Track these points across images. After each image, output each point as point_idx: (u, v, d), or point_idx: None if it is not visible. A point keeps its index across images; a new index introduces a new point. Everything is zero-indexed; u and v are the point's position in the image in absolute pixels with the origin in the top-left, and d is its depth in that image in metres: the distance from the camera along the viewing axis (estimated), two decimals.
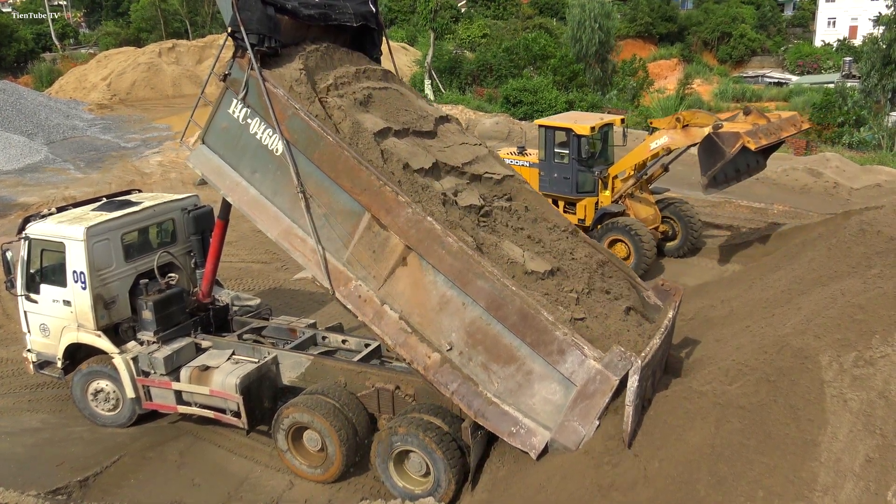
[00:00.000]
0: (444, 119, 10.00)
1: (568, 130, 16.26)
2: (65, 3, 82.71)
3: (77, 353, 10.90)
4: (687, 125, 14.72)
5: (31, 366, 11.28)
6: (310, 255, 8.69)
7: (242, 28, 8.46)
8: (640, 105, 37.85)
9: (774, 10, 71.16)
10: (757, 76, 57.82)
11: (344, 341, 10.94)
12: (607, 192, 16.27)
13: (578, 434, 7.47)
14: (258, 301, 12.36)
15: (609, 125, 16.93)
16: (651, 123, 16.55)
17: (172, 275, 11.05)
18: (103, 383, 10.77)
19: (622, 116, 18.33)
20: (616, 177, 16.22)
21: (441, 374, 8.05)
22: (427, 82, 39.38)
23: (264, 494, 9.23)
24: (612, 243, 15.50)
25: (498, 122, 30.87)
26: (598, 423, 7.45)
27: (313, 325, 11.49)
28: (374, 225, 8.28)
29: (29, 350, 11.24)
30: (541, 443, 7.65)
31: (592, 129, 16.04)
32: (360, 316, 8.53)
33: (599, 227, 15.82)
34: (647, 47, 63.86)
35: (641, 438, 7.76)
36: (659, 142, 14.98)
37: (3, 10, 75.26)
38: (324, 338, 11.10)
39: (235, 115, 8.99)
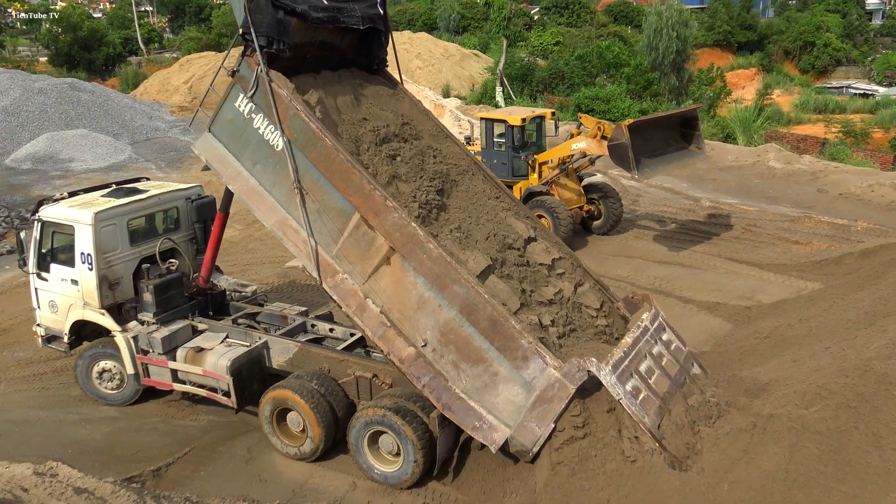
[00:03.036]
0: (532, 239, 10.16)
1: (503, 122, 18.73)
2: (150, 9, 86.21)
3: (83, 330, 11.57)
4: (605, 137, 16.70)
5: (40, 340, 11.94)
6: (301, 245, 9.26)
7: (253, 30, 8.92)
8: (716, 115, 36.88)
9: (862, 19, 68.46)
10: (841, 87, 55.63)
11: (331, 329, 11.46)
12: (535, 176, 18.69)
13: (535, 434, 8.11)
14: (254, 287, 12.97)
15: (541, 117, 19.53)
16: (579, 118, 18.78)
17: (173, 260, 11.63)
18: (109, 363, 11.37)
19: (553, 110, 21.71)
20: (545, 164, 18.67)
21: (415, 367, 8.71)
22: (498, 89, 39.38)
23: (328, 494, 9.35)
24: (538, 218, 17.09)
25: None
26: (553, 425, 8.05)
27: (304, 313, 11.96)
28: (362, 225, 8.87)
29: (38, 325, 11.87)
30: (501, 438, 8.28)
31: (524, 119, 18.58)
32: (344, 307, 9.14)
33: (527, 204, 17.87)
34: (725, 56, 62.25)
35: (709, 458, 7.57)
36: (578, 145, 17.48)
37: (94, 15, 78.92)
38: (313, 325, 11.60)
39: (241, 109, 9.48)
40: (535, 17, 66.58)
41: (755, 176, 25.20)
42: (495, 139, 19.02)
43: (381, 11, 10.42)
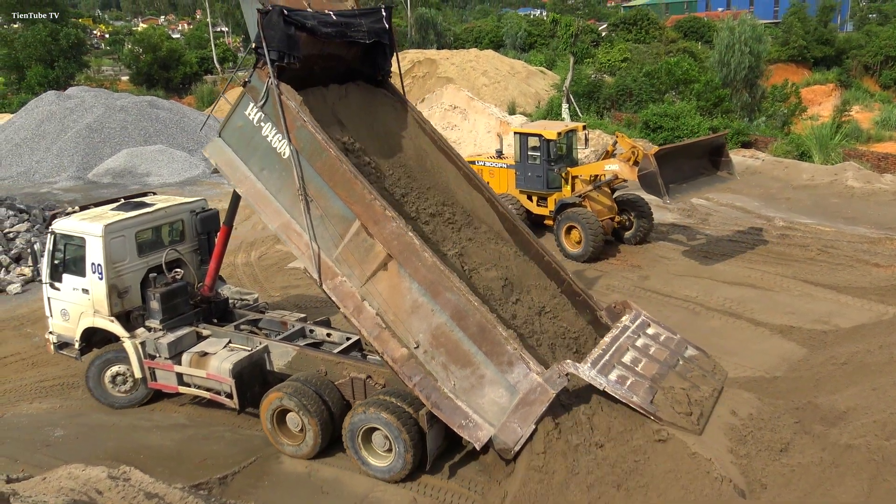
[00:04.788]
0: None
1: (539, 136, 19.18)
2: (226, 29, 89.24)
3: (93, 337, 12.13)
4: (637, 163, 16.88)
5: (52, 346, 12.49)
6: (304, 248, 9.76)
7: (265, 45, 9.37)
8: (790, 132, 35.80)
9: None
10: None
11: (328, 334, 12.00)
12: (568, 188, 19.11)
13: (517, 434, 8.62)
14: (256, 295, 13.71)
15: (573, 131, 20.08)
16: (616, 137, 18.56)
17: (178, 270, 12.20)
18: (123, 367, 11.88)
19: (584, 123, 22.11)
20: (577, 177, 18.98)
21: (407, 367, 9.22)
22: (564, 106, 39.19)
23: None
24: (569, 229, 18.47)
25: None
26: (534, 426, 8.54)
27: (303, 319, 12.51)
28: (362, 232, 9.37)
29: (50, 332, 12.44)
30: (485, 437, 8.81)
31: (559, 133, 19.13)
32: (342, 308, 9.64)
33: (560, 215, 18.73)
34: (801, 72, 60.46)
35: (781, 489, 7.29)
36: (611, 167, 17.88)
37: (173, 36, 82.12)
38: (311, 331, 12.18)
39: (251, 118, 9.95)
40: (603, 34, 66.10)
41: (832, 195, 24.32)
42: (529, 152, 19.47)
43: (387, 26, 10.88)
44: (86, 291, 11.68)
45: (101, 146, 33.82)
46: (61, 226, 11.92)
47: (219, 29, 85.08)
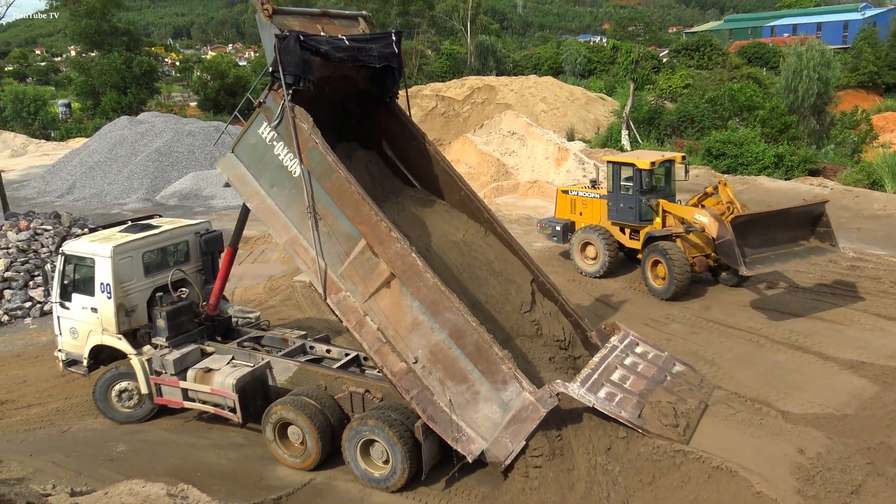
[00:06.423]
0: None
1: (632, 165, 18.36)
2: None
3: (100, 354, 12.51)
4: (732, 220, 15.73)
5: (61, 364, 12.86)
6: (310, 263, 10.13)
7: (281, 69, 9.76)
8: (860, 160, 34.63)
9: None
10: None
11: (328, 350, 12.49)
12: (658, 220, 18.18)
13: (508, 449, 9.07)
14: (258, 314, 14.06)
15: (670, 161, 18.91)
16: (719, 182, 17.65)
17: (184, 289, 12.66)
18: (131, 384, 12.28)
19: (683, 154, 20.59)
20: (669, 212, 18.01)
21: (405, 381, 9.59)
22: (624, 133, 38.87)
23: None
24: (655, 263, 17.64)
25: (698, 174, 29.62)
26: (525, 442, 8.98)
27: (304, 336, 12.93)
28: (367, 250, 9.71)
29: (59, 350, 12.83)
30: (478, 450, 9.22)
31: (653, 164, 18.14)
32: (345, 322, 10.02)
33: (646, 248, 17.95)
34: (871, 98, 58.66)
35: None
36: (701, 218, 16.71)
37: (240, 63, 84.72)
38: (311, 347, 12.62)
39: (264, 136, 10.36)
40: (664, 60, 65.50)
41: None
42: (622, 182, 18.60)
43: (396, 50, 11.24)
44: (94, 310, 12.11)
45: (169, 169, 34.98)
46: (71, 247, 12.41)
47: None
